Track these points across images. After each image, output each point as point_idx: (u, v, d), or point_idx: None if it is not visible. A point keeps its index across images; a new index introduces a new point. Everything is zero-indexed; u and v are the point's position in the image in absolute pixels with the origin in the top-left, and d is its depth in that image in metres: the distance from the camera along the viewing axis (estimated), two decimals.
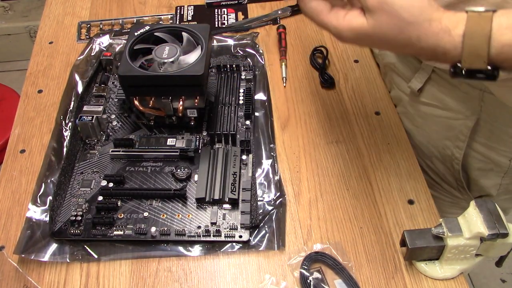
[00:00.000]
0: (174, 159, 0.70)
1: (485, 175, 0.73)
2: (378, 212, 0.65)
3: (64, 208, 0.64)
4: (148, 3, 0.98)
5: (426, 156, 0.78)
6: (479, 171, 0.73)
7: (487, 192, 0.75)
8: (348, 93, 0.80)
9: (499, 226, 0.53)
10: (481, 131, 0.69)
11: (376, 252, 0.61)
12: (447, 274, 0.58)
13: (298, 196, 0.67)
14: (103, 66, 0.82)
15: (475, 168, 0.73)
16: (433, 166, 0.78)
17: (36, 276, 0.59)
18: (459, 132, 0.70)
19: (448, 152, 0.73)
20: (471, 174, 0.74)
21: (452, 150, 0.73)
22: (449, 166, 0.75)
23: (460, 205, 0.80)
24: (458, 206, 0.80)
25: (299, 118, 0.76)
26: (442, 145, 0.74)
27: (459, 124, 0.70)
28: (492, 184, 0.74)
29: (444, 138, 0.73)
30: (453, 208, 0.81)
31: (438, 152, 0.75)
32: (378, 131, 0.74)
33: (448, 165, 0.75)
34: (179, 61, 0.70)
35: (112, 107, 0.77)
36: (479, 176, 0.74)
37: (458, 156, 0.72)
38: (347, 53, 0.86)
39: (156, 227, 0.62)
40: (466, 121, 0.69)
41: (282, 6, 0.95)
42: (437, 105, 0.72)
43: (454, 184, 0.77)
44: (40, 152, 0.72)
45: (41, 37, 0.91)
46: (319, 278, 0.58)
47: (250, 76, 0.81)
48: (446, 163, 0.75)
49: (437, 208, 0.65)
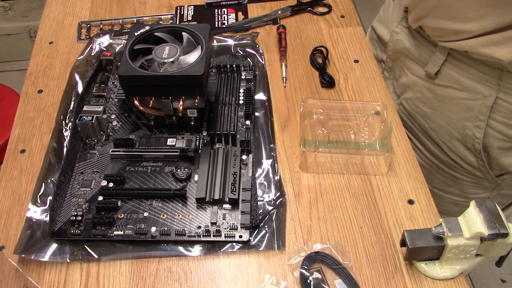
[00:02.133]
0: (174, 159, 0.70)
1: (506, 153, 0.74)
2: (378, 212, 0.65)
3: (64, 208, 0.64)
4: (148, 3, 0.98)
5: (446, 138, 0.79)
6: (499, 150, 0.74)
7: (508, 170, 0.76)
8: (348, 93, 0.80)
9: (499, 226, 0.53)
10: (500, 109, 0.70)
11: (376, 252, 0.61)
12: (447, 274, 0.58)
13: (298, 196, 0.67)
14: (103, 66, 0.82)
15: (495, 147, 0.74)
16: (453, 147, 0.78)
17: (36, 276, 0.59)
18: (479, 112, 0.71)
19: (469, 132, 0.74)
20: (492, 153, 0.75)
21: (472, 130, 0.73)
22: (469, 147, 0.76)
23: (482, 185, 0.81)
24: (480, 186, 0.81)
25: (299, 118, 0.76)
26: (462, 126, 0.75)
27: (478, 104, 0.71)
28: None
29: (463, 119, 0.74)
30: (475, 188, 0.82)
31: (458, 133, 0.76)
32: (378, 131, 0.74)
33: (469, 146, 0.76)
34: (179, 61, 0.70)
35: (112, 107, 0.77)
36: (500, 155, 0.74)
37: (478, 136, 0.73)
38: (347, 53, 0.86)
39: (156, 227, 0.62)
40: (484, 101, 0.70)
41: (282, 6, 0.95)
42: (455, 86, 0.73)
43: (476, 164, 0.77)
44: (40, 152, 0.72)
45: (41, 37, 0.91)
46: (319, 278, 0.58)
47: (250, 76, 0.81)
48: (466, 144, 0.76)
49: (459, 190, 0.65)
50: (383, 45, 0.88)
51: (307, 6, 0.95)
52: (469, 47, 0.67)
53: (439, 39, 0.72)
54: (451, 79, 0.73)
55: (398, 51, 0.81)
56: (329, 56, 0.85)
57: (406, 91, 0.82)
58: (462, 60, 0.71)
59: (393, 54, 0.84)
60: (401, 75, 0.82)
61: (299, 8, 0.95)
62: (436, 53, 0.73)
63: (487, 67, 0.68)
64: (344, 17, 0.93)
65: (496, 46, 0.64)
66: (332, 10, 0.95)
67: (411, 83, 0.80)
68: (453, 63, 0.72)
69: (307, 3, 0.95)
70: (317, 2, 0.96)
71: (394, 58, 0.84)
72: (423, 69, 0.77)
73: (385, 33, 0.86)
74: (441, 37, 0.71)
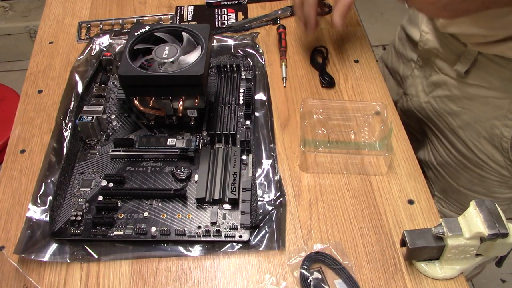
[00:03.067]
0: (174, 159, 0.70)
1: None
2: (378, 212, 0.65)
3: (64, 208, 0.64)
4: (148, 3, 0.98)
5: (473, 136, 0.79)
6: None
7: None
8: (348, 93, 0.80)
9: (499, 226, 0.53)
10: None
11: (376, 252, 0.61)
12: (447, 274, 0.58)
13: (298, 196, 0.67)
14: (103, 66, 0.82)
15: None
16: (480, 146, 0.78)
17: (36, 276, 0.60)
18: (507, 111, 0.72)
19: (497, 131, 0.74)
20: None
21: (501, 129, 0.74)
22: (497, 145, 0.76)
23: (509, 184, 0.81)
24: (506, 185, 0.81)
25: (299, 118, 0.76)
26: (490, 124, 0.75)
27: (507, 103, 0.71)
28: None
29: (492, 118, 0.74)
30: (501, 187, 0.82)
31: (486, 132, 0.76)
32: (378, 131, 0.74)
33: (496, 144, 0.76)
34: (179, 61, 0.70)
35: (112, 107, 0.77)
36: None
37: (507, 134, 0.73)
38: (347, 53, 0.86)
39: (156, 227, 0.62)
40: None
41: (282, 6, 0.95)
42: (484, 85, 0.73)
43: (503, 163, 0.78)
44: (40, 152, 0.72)
45: (41, 37, 0.91)
46: (319, 278, 0.58)
47: (250, 76, 0.81)
48: (494, 143, 0.76)
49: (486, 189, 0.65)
50: (413, 45, 0.88)
51: None
52: (499, 51, 0.67)
53: (468, 41, 0.72)
54: (480, 78, 0.73)
55: (428, 51, 0.81)
56: (329, 56, 0.85)
57: (436, 90, 0.82)
58: (492, 59, 0.71)
59: (424, 53, 0.84)
60: (432, 74, 0.82)
61: None
62: (466, 53, 0.73)
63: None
64: None
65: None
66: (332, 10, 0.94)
67: (441, 82, 0.80)
68: (483, 63, 0.72)
69: None
70: None
71: (425, 57, 0.84)
72: (452, 68, 0.77)
73: (415, 33, 0.86)
74: (470, 39, 0.71)
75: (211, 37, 0.74)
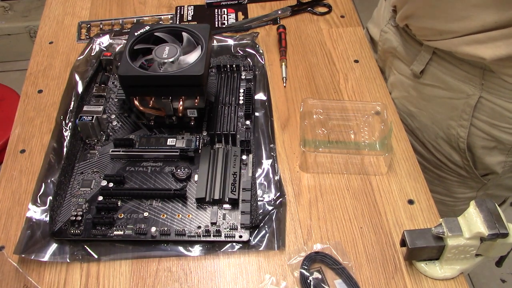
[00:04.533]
0: (174, 159, 0.70)
1: (490, 153, 0.74)
2: (378, 212, 0.65)
3: (64, 208, 0.64)
4: (148, 3, 0.98)
5: (431, 137, 0.79)
6: (483, 149, 0.74)
7: (493, 170, 0.77)
8: (348, 93, 0.80)
9: (499, 226, 0.53)
10: (483, 109, 0.70)
11: (376, 252, 0.61)
12: (447, 274, 0.58)
13: (298, 196, 0.67)
14: (103, 66, 0.82)
15: (480, 147, 0.74)
16: (438, 147, 0.79)
17: (36, 276, 0.59)
18: (462, 111, 0.72)
19: (453, 131, 0.75)
20: (476, 152, 0.75)
21: (457, 129, 0.74)
22: (454, 146, 0.76)
23: (468, 184, 0.81)
24: (466, 186, 0.82)
25: (299, 118, 0.76)
26: (447, 125, 0.75)
27: (462, 103, 0.71)
28: (497, 162, 0.75)
29: (448, 118, 0.75)
30: (461, 187, 0.82)
31: (443, 132, 0.77)
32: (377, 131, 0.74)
33: (453, 145, 0.76)
34: (179, 61, 0.70)
35: (112, 107, 0.77)
36: (484, 154, 0.75)
37: (463, 135, 0.74)
38: (347, 53, 0.86)
39: (156, 227, 0.62)
40: (468, 100, 0.70)
41: (282, 6, 0.95)
42: (439, 86, 0.74)
43: (461, 163, 0.78)
44: (40, 152, 0.72)
45: (41, 37, 0.91)
46: (319, 278, 0.58)
47: (250, 76, 0.81)
48: (451, 143, 0.76)
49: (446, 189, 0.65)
50: (374, 46, 0.89)
51: (307, 6, 0.95)
52: (453, 45, 0.67)
53: (424, 38, 0.73)
54: (435, 78, 0.74)
55: (387, 51, 0.82)
56: (329, 56, 0.85)
57: (393, 90, 0.83)
58: (447, 59, 0.71)
59: (383, 53, 0.84)
60: (390, 75, 0.83)
61: (299, 8, 0.95)
62: (422, 52, 0.74)
63: (470, 67, 0.69)
64: (344, 17, 0.93)
65: (479, 45, 0.64)
66: (332, 10, 0.95)
67: (398, 82, 0.81)
68: (437, 62, 0.73)
69: (307, 3, 0.95)
70: (317, 2, 0.96)
71: (384, 58, 0.84)
72: (409, 68, 0.77)
73: (376, 33, 0.88)
74: (426, 36, 0.72)
75: (211, 37, 0.74)
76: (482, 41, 0.64)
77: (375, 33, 0.88)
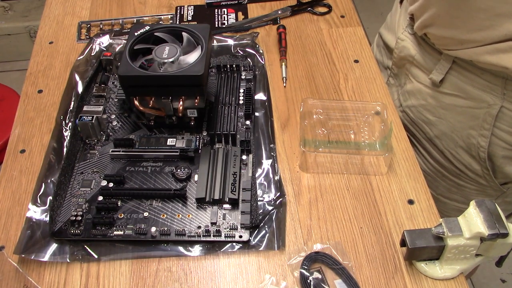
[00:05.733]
0: (174, 159, 0.70)
1: (510, 162, 0.74)
2: (378, 212, 0.65)
3: (64, 208, 0.64)
4: (148, 3, 0.98)
5: (450, 146, 0.78)
6: (504, 159, 0.74)
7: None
8: (348, 93, 0.80)
9: (499, 226, 0.53)
10: (505, 118, 0.70)
11: (376, 252, 0.61)
12: (447, 274, 0.58)
13: (298, 196, 0.67)
14: (103, 66, 0.82)
15: (500, 156, 0.74)
16: (457, 155, 0.78)
17: (36, 276, 0.59)
18: (483, 120, 0.71)
19: (473, 141, 0.74)
20: (496, 162, 0.75)
21: (477, 138, 0.73)
22: (474, 155, 0.76)
23: (486, 193, 0.81)
24: (484, 194, 0.81)
25: (299, 118, 0.76)
26: (467, 134, 0.75)
27: (483, 112, 0.71)
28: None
29: (468, 128, 0.74)
30: (479, 195, 0.82)
31: (462, 141, 0.76)
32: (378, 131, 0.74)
33: (473, 154, 0.76)
34: (179, 61, 0.70)
35: (112, 107, 0.77)
36: (504, 164, 0.74)
37: (483, 144, 0.73)
38: (347, 53, 0.86)
39: (156, 227, 0.62)
40: (489, 110, 0.70)
41: (282, 6, 0.95)
42: (460, 95, 0.73)
43: (480, 172, 0.77)
44: (40, 152, 0.72)
45: (41, 37, 0.91)
46: (319, 278, 0.58)
47: (250, 76, 0.81)
48: (471, 152, 0.76)
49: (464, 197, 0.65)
50: (389, 52, 0.87)
51: (307, 6, 0.95)
52: (475, 54, 0.66)
53: (444, 47, 0.72)
54: (456, 87, 0.73)
55: (404, 58, 0.81)
56: (329, 56, 0.85)
57: (410, 99, 0.81)
58: (467, 69, 0.70)
59: (399, 61, 0.83)
60: (406, 82, 0.82)
61: (299, 8, 0.95)
62: (441, 61, 0.73)
63: (492, 76, 0.68)
64: (344, 17, 0.93)
65: (503, 54, 0.63)
66: (332, 10, 0.95)
67: (416, 91, 0.80)
68: (458, 71, 0.72)
69: (307, 3, 0.95)
70: (317, 2, 0.96)
71: (400, 65, 0.83)
72: (428, 77, 0.76)
73: (391, 40, 0.86)
74: (446, 45, 0.71)
75: (211, 37, 0.74)
76: (505, 50, 0.63)
77: (390, 40, 0.87)
